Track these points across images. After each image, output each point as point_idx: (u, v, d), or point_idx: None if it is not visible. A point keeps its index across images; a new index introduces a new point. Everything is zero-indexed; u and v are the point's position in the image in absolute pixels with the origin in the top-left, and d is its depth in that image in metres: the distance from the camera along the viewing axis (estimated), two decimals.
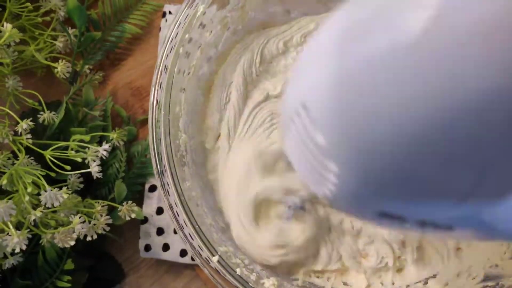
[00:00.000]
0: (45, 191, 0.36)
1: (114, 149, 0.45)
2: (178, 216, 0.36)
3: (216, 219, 0.41)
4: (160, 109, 0.38)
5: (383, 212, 0.20)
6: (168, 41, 0.39)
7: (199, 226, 0.36)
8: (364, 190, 0.20)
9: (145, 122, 0.50)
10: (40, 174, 0.37)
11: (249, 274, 0.37)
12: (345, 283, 0.42)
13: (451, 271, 0.40)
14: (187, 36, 0.39)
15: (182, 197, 0.37)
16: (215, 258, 0.36)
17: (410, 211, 0.20)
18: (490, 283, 0.37)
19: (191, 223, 0.36)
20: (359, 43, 0.18)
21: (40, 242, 0.38)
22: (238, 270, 0.36)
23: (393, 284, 0.41)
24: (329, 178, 0.20)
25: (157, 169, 0.37)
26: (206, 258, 0.36)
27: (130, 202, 0.43)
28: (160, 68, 0.38)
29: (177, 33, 0.39)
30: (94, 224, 0.39)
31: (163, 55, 0.39)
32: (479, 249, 0.40)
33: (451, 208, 0.18)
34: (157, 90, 0.38)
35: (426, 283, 0.41)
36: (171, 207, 0.36)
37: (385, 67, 0.17)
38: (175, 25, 0.39)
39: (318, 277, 0.42)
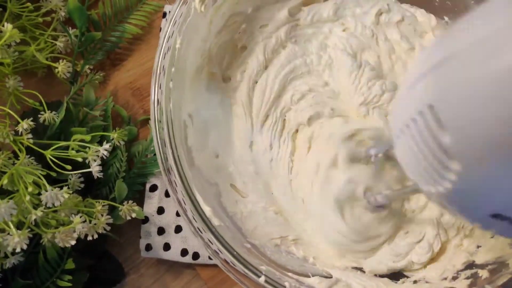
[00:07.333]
0: (46, 190, 0.36)
1: (114, 148, 0.45)
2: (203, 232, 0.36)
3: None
4: (162, 109, 0.38)
5: (496, 213, 0.21)
6: (164, 40, 0.39)
7: (237, 252, 0.36)
8: (484, 189, 0.20)
9: (145, 122, 0.50)
10: (40, 174, 0.37)
11: (298, 286, 0.36)
12: None
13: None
14: (182, 35, 0.39)
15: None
16: (261, 279, 0.35)
17: None
18: None
19: (226, 248, 0.36)
20: (497, 56, 0.18)
21: (41, 241, 0.38)
22: (287, 284, 0.36)
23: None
24: (447, 176, 0.21)
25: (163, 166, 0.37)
26: (215, 250, 0.36)
27: (130, 201, 0.43)
28: (158, 68, 0.38)
29: (173, 32, 0.39)
30: (95, 224, 0.40)
31: (160, 55, 0.39)
32: None
33: None
34: (157, 90, 0.38)
35: None
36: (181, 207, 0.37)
37: None
38: (169, 24, 0.39)
39: None
